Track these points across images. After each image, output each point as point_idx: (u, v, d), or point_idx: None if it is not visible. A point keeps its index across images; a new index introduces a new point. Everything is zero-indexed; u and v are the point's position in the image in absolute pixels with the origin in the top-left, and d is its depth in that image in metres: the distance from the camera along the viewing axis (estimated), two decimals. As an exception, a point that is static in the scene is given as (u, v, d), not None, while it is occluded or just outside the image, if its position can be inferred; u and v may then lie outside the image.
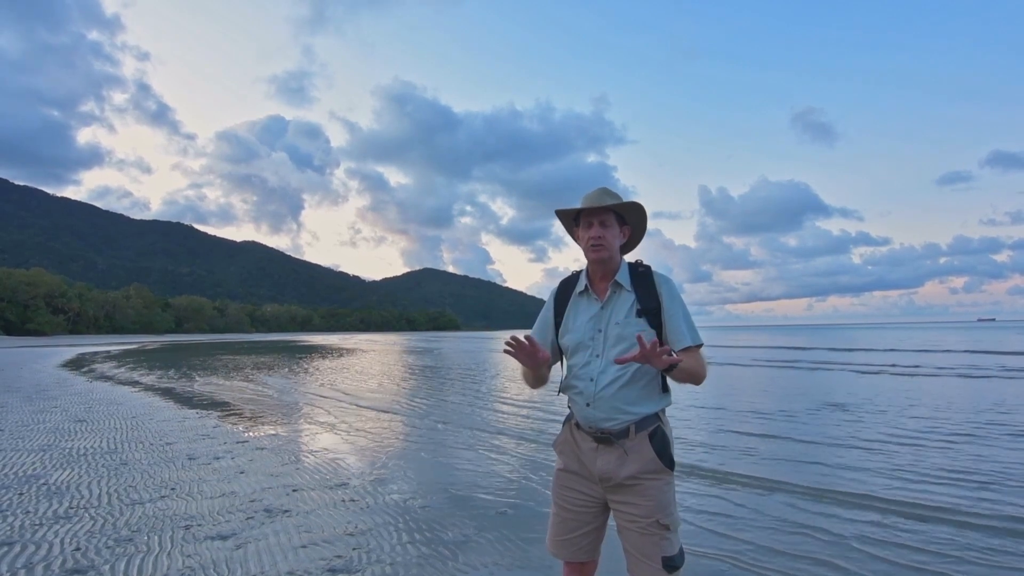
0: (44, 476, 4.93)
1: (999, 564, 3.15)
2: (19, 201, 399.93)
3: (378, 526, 3.70)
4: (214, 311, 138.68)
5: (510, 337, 1.68)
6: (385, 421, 8.07)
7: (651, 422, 1.76)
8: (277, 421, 8.06)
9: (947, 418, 8.04)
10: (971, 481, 4.81)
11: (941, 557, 3.24)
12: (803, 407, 9.21)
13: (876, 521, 3.82)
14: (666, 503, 1.73)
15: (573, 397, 1.83)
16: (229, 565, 3.05)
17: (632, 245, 1.94)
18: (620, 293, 1.82)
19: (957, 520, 3.84)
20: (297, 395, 11.42)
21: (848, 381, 13.84)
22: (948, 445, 6.23)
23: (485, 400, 10.55)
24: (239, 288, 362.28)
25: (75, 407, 9.41)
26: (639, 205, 1.83)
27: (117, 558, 3.14)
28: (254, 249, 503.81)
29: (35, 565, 3.05)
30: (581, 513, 1.83)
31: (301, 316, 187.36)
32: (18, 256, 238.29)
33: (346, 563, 3.10)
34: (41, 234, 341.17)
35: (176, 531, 3.56)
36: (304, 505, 4.12)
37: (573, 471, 1.84)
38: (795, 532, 3.62)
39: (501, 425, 7.70)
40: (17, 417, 8.28)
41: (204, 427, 7.47)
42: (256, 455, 5.77)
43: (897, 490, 4.54)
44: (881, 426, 7.40)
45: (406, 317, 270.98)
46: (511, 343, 1.68)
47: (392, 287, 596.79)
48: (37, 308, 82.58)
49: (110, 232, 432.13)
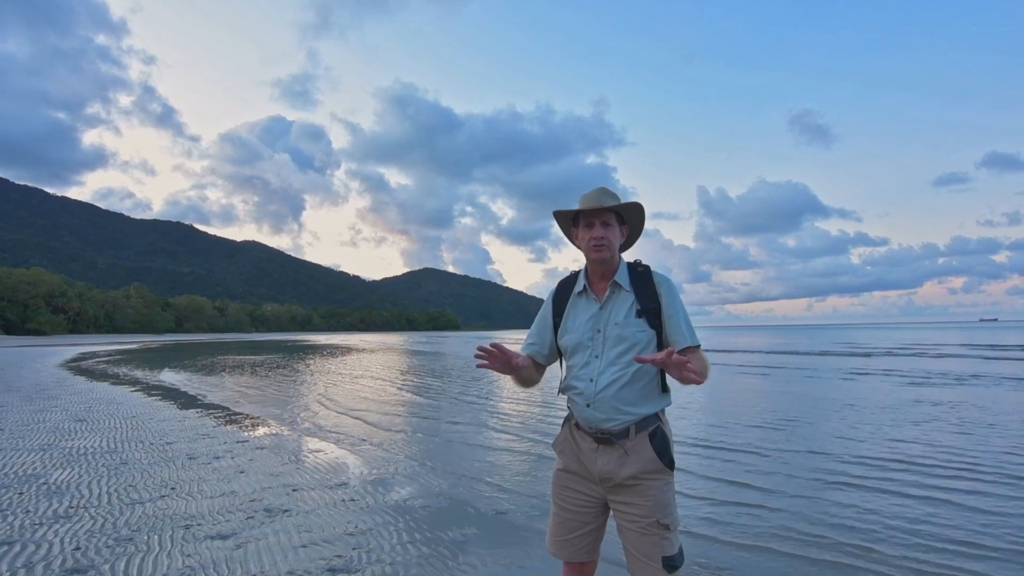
0: (44, 475, 4.93)
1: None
2: (19, 200, 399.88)
3: (378, 526, 3.70)
4: (214, 311, 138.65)
5: (478, 348, 1.68)
6: (385, 421, 8.07)
7: (651, 422, 1.76)
8: (277, 421, 8.06)
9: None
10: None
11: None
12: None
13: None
14: (666, 503, 1.73)
15: (573, 397, 1.83)
16: (229, 565, 3.05)
17: (629, 244, 1.94)
18: (619, 293, 1.82)
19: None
20: (297, 395, 11.42)
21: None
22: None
23: (484, 400, 10.55)
24: (239, 288, 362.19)
25: (75, 406, 9.41)
26: (639, 205, 1.83)
27: (117, 557, 3.14)
28: (254, 249, 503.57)
29: (35, 564, 3.05)
30: (581, 513, 1.83)
31: (301, 316, 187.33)
32: (18, 255, 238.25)
33: (346, 563, 3.10)
34: (41, 233, 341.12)
35: (176, 531, 3.56)
36: (304, 505, 4.12)
37: (573, 471, 1.84)
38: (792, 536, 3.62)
39: (500, 425, 7.70)
40: (17, 416, 8.28)
41: (204, 427, 7.47)
42: (256, 455, 5.77)
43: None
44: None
45: (406, 317, 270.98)
46: (480, 353, 1.69)
47: (392, 287, 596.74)
48: (37, 308, 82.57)
49: (110, 231, 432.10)
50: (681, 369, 1.49)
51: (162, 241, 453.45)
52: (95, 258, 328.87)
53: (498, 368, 1.74)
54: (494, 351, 1.69)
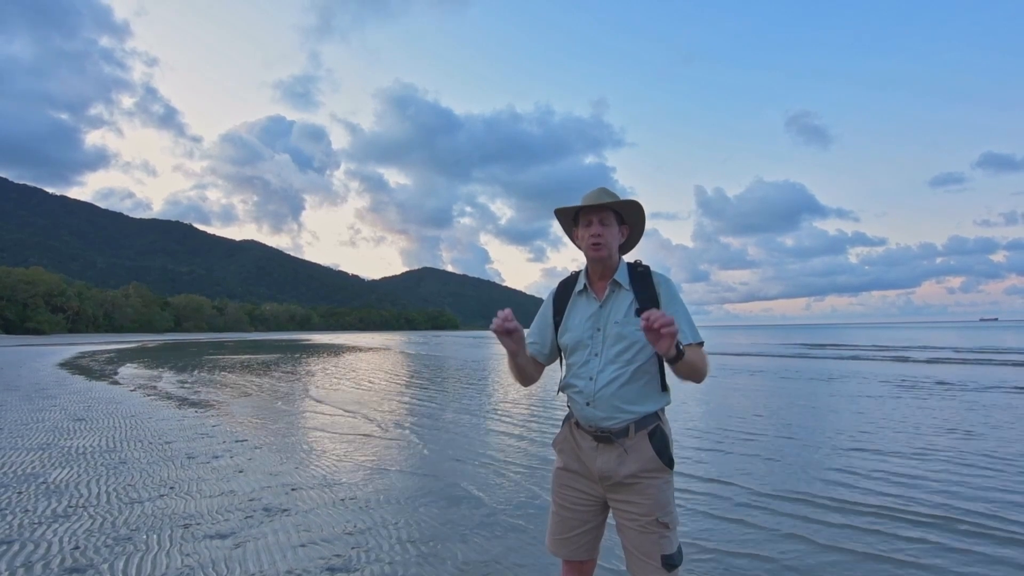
0: (43, 475, 4.92)
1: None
2: (19, 200, 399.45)
3: (377, 525, 3.70)
4: (213, 310, 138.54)
5: (498, 313, 1.68)
6: (384, 420, 8.07)
7: (651, 421, 1.76)
8: (276, 420, 8.05)
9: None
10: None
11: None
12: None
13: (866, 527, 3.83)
14: (665, 502, 1.73)
15: (572, 396, 1.83)
16: (228, 564, 3.05)
17: (630, 245, 1.94)
18: (619, 292, 1.82)
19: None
20: (296, 394, 11.41)
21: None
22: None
23: (484, 399, 10.55)
24: (238, 287, 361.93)
25: (74, 406, 9.40)
26: (638, 204, 1.82)
27: (116, 557, 3.14)
28: (253, 248, 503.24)
29: (34, 564, 3.05)
30: (580, 512, 1.83)
31: (300, 315, 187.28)
32: (17, 255, 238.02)
33: (345, 562, 3.10)
34: (40, 233, 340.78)
35: (175, 530, 3.55)
36: (303, 504, 4.12)
37: (573, 470, 1.84)
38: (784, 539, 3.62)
39: (500, 424, 7.70)
40: (16, 416, 8.28)
41: (203, 426, 7.46)
42: (255, 454, 5.77)
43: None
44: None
45: (405, 316, 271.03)
46: (499, 322, 1.68)
47: (391, 286, 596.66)
48: (36, 307, 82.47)
49: (110, 231, 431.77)
50: (653, 332, 1.47)
51: (161, 240, 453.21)
52: (94, 257, 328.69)
53: (506, 335, 1.71)
54: (510, 323, 1.68)
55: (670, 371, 1.71)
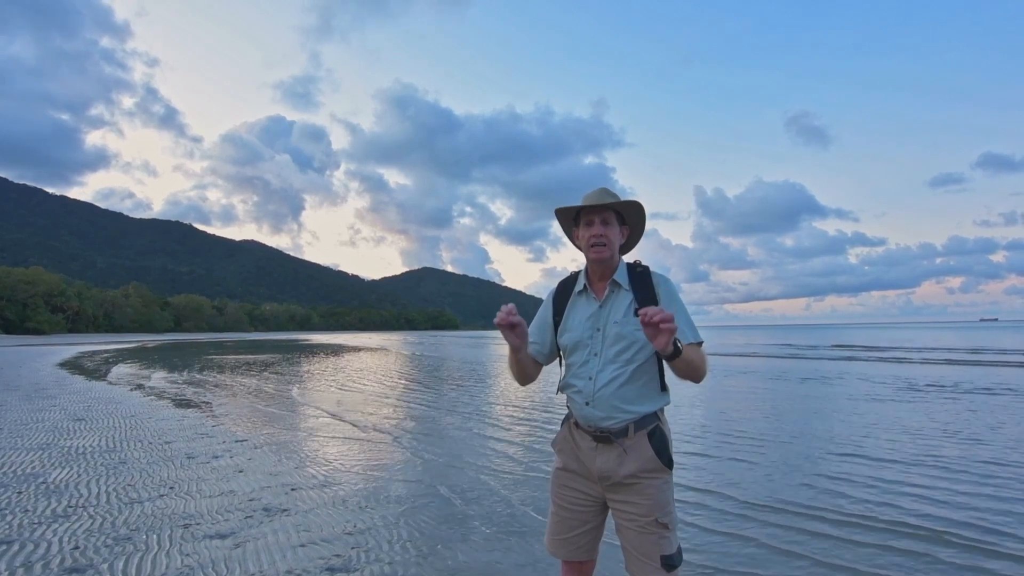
0: (43, 475, 4.92)
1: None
2: (19, 200, 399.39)
3: (377, 525, 3.70)
4: (213, 310, 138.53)
5: (502, 307, 1.66)
6: (383, 420, 8.07)
7: (650, 421, 1.76)
8: (275, 420, 8.05)
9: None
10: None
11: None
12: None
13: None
14: (665, 502, 1.73)
15: (572, 396, 1.83)
16: (228, 564, 3.05)
17: (630, 246, 1.94)
18: (618, 292, 1.83)
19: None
20: (295, 394, 11.41)
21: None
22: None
23: (484, 399, 10.55)
24: (238, 287, 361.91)
25: (74, 406, 9.40)
26: (639, 204, 1.83)
27: (116, 557, 3.14)
28: (253, 248, 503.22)
29: (34, 564, 3.05)
30: (580, 512, 1.83)
31: (300, 315, 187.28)
32: (17, 255, 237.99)
33: (345, 562, 3.10)
34: (40, 233, 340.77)
35: (175, 530, 3.56)
36: (303, 504, 4.12)
37: (572, 470, 1.85)
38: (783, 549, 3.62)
39: (500, 424, 7.70)
40: (16, 415, 8.27)
41: (202, 426, 7.46)
42: (255, 454, 5.77)
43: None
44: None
45: (405, 316, 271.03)
46: (503, 315, 1.67)
47: (391, 286, 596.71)
48: (36, 307, 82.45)
49: (110, 231, 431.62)
50: (651, 327, 1.47)
51: (161, 240, 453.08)
52: (94, 257, 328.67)
53: (510, 328, 1.69)
54: (515, 316, 1.67)
55: (670, 371, 1.71)
